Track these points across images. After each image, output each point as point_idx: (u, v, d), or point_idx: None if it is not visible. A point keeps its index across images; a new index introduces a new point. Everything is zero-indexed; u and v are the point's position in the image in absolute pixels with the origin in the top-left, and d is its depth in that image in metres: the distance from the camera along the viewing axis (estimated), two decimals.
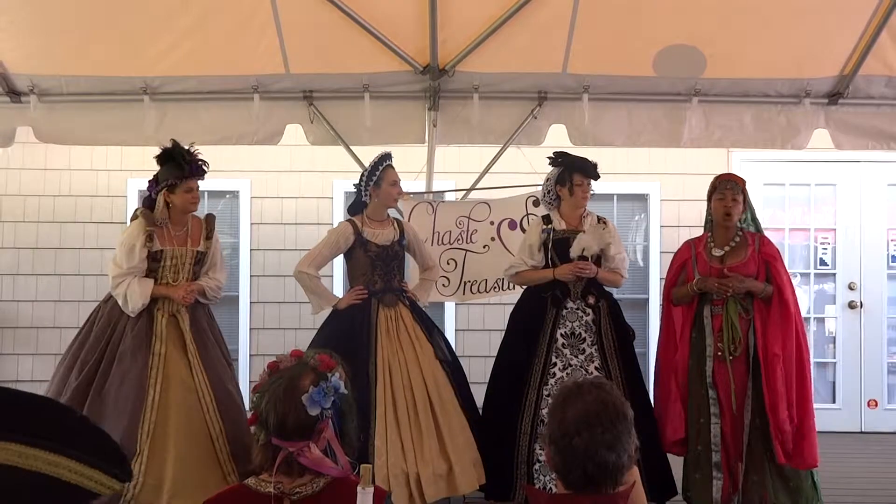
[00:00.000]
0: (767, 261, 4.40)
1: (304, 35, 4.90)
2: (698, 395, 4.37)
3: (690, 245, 4.58)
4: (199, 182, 4.46)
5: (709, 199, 4.58)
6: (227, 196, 7.00)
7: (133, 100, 5.17)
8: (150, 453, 4.09)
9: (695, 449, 4.37)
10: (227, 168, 6.73)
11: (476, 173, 5.68)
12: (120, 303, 4.34)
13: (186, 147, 4.40)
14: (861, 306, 6.98)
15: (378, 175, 4.63)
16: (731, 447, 4.30)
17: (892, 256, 7.05)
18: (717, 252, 4.45)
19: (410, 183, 5.49)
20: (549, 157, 4.78)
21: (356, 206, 4.79)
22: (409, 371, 4.47)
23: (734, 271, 4.34)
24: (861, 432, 6.87)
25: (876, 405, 6.95)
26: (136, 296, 4.30)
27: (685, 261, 4.53)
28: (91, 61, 5.02)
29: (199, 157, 4.43)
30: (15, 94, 5.17)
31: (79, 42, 4.95)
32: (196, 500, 3.98)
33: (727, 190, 4.44)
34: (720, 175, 4.63)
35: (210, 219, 4.61)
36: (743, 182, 4.54)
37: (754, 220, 4.63)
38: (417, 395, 4.42)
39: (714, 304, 4.40)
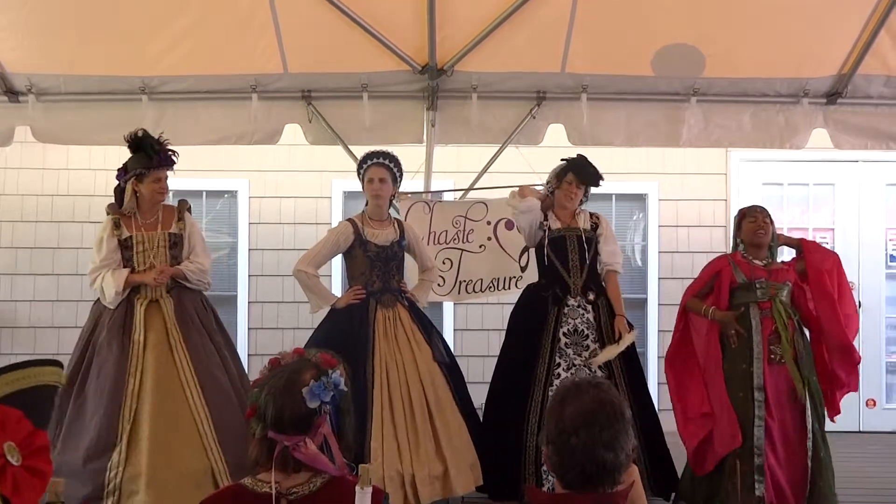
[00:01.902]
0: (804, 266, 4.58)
1: (302, 35, 4.90)
2: (741, 399, 4.32)
3: (727, 257, 4.66)
4: (168, 173, 4.43)
5: (738, 228, 4.67)
6: (226, 196, 7.00)
7: (131, 99, 5.16)
8: (130, 442, 4.07)
9: (733, 454, 4.28)
10: (225, 168, 6.74)
11: (474, 173, 5.68)
12: (99, 297, 4.36)
13: (156, 137, 4.39)
14: (860, 306, 6.96)
15: (361, 174, 4.74)
16: (782, 451, 4.29)
17: (891, 256, 7.05)
18: (759, 262, 4.55)
19: (409, 182, 5.49)
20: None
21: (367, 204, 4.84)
22: (407, 372, 4.46)
23: (778, 274, 4.49)
24: (860, 432, 6.87)
25: (874, 405, 6.95)
26: (110, 287, 4.30)
27: (720, 270, 4.56)
28: (89, 61, 5.01)
29: (169, 147, 4.41)
30: (13, 94, 5.17)
31: (77, 41, 4.94)
32: (176, 487, 3.98)
33: (758, 213, 4.61)
34: (745, 207, 4.76)
35: (182, 204, 4.58)
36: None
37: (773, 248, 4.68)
38: (414, 397, 4.42)
39: (762, 308, 4.43)
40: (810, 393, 4.36)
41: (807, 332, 4.58)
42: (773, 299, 4.43)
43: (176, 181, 4.65)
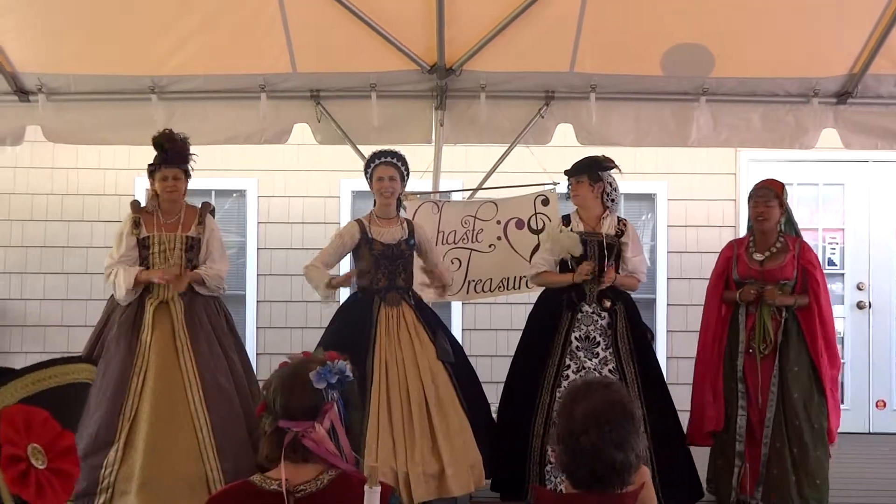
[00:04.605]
0: (806, 268, 4.61)
1: (311, 34, 4.90)
2: (728, 388, 4.60)
3: (733, 245, 4.80)
4: (181, 171, 4.43)
5: (748, 204, 4.78)
6: (234, 195, 7.01)
7: (141, 99, 5.18)
8: (127, 441, 4.09)
9: (721, 438, 4.59)
10: (234, 167, 6.75)
11: (483, 173, 5.67)
12: (112, 292, 4.38)
13: (180, 136, 4.42)
14: (869, 307, 6.95)
15: (369, 173, 4.72)
16: (758, 439, 4.49)
17: None
18: (759, 256, 4.65)
19: (417, 182, 5.50)
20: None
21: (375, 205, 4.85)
22: (406, 370, 4.45)
23: (772, 274, 4.56)
24: (869, 433, 6.84)
25: (884, 406, 6.92)
26: (121, 283, 4.31)
27: (728, 259, 4.75)
28: (99, 60, 5.03)
29: (185, 145, 4.43)
30: (23, 94, 5.19)
31: (87, 41, 4.96)
32: (169, 491, 3.99)
33: (759, 197, 4.67)
34: (759, 182, 4.79)
35: (204, 206, 4.59)
36: (779, 187, 4.71)
37: (790, 222, 4.80)
38: (413, 395, 4.41)
39: (749, 304, 4.60)
40: (786, 385, 4.49)
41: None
42: (761, 298, 4.54)
43: None
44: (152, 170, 4.42)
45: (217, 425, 4.18)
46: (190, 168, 4.52)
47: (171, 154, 4.39)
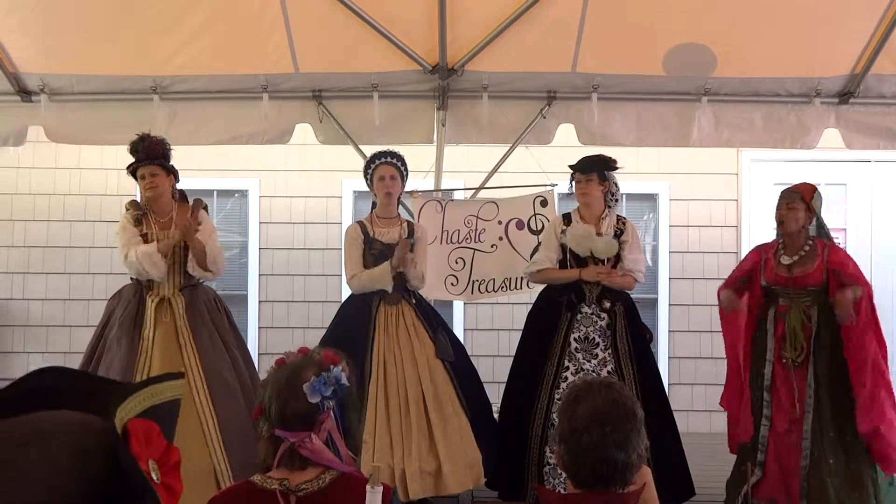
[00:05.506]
0: (836, 270, 4.40)
1: (313, 34, 4.90)
2: (755, 396, 4.49)
3: (760, 250, 4.63)
4: (158, 168, 4.43)
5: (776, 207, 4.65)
6: (236, 195, 7.02)
7: (143, 99, 5.18)
8: None
9: (744, 445, 4.51)
10: (235, 167, 6.76)
11: (485, 173, 5.67)
12: (140, 271, 4.32)
13: (156, 137, 4.43)
14: None
15: (370, 174, 4.76)
16: (791, 451, 4.32)
17: None
18: (787, 260, 4.49)
19: (419, 182, 5.50)
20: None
21: (372, 208, 4.89)
22: (405, 368, 4.47)
23: (800, 280, 4.41)
24: None
25: None
26: (143, 253, 4.27)
27: (753, 265, 4.59)
28: (101, 61, 5.03)
29: (162, 144, 4.43)
30: (25, 94, 5.19)
31: (89, 41, 4.96)
32: None
33: (783, 199, 4.53)
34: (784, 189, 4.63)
35: (196, 203, 4.58)
36: (808, 191, 4.53)
37: (820, 227, 4.62)
38: (411, 392, 4.42)
39: (779, 310, 4.46)
40: (819, 395, 4.35)
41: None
42: (791, 305, 4.42)
43: (187, 181, 4.68)
44: (133, 174, 4.45)
45: (223, 420, 4.19)
46: (171, 165, 4.51)
47: (144, 153, 4.40)
